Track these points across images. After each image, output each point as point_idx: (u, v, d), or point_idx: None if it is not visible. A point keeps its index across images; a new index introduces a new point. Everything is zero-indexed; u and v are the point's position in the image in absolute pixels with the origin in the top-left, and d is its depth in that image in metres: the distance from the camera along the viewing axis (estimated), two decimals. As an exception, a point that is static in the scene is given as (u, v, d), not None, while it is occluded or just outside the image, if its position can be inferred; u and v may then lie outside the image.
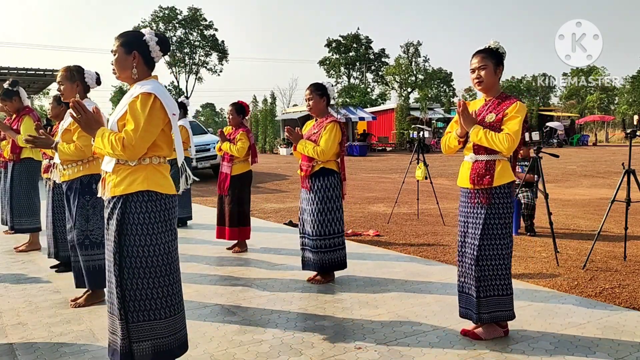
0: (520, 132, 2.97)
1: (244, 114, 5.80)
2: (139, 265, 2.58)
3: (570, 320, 3.43)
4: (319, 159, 4.29)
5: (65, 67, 3.97)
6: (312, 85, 4.46)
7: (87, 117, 2.62)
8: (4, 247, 6.13)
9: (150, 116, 2.54)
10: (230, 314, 3.74)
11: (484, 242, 3.07)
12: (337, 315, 3.67)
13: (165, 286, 2.64)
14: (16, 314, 3.82)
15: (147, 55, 2.71)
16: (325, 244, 4.37)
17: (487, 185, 3.02)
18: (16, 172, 5.76)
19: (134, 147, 2.51)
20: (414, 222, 7.99)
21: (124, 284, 2.59)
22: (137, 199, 2.58)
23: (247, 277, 4.71)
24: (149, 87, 2.61)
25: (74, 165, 3.89)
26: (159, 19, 52.98)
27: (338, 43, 59.58)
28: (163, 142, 2.66)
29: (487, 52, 3.11)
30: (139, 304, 2.59)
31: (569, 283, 4.50)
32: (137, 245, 2.58)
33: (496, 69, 3.09)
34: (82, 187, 3.91)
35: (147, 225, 2.59)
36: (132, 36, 2.72)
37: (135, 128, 2.51)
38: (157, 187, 2.62)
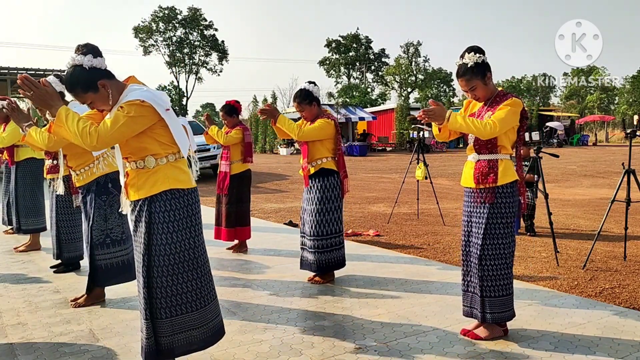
0: (505, 121, 2.94)
1: (236, 113, 5.74)
2: (167, 263, 2.61)
3: (570, 320, 3.43)
4: (297, 138, 4.24)
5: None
6: (297, 97, 4.37)
7: (38, 91, 2.51)
8: (4, 247, 6.13)
9: (134, 117, 2.48)
10: (230, 314, 3.73)
11: (486, 242, 3.07)
12: (337, 315, 3.67)
13: (193, 280, 2.67)
14: (16, 314, 3.82)
15: (101, 72, 2.59)
16: (323, 244, 4.36)
17: (491, 183, 3.02)
18: (19, 174, 5.76)
19: (104, 140, 2.45)
20: (414, 222, 7.99)
21: (152, 283, 2.62)
22: (161, 199, 2.60)
23: (247, 277, 4.71)
24: (136, 94, 2.53)
25: (87, 168, 3.93)
26: (158, 19, 52.97)
27: (338, 43, 59.60)
28: (167, 139, 2.64)
29: (468, 73, 3.04)
30: (169, 300, 2.62)
31: (569, 283, 4.50)
32: (165, 244, 2.60)
33: (484, 80, 3.07)
34: (99, 188, 3.93)
35: (172, 222, 2.61)
36: (79, 75, 2.56)
37: (114, 122, 2.45)
38: (177, 183, 2.64)
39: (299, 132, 4.21)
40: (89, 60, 2.56)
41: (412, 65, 57.70)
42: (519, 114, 3.01)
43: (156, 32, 53.30)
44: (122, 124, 2.46)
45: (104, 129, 2.46)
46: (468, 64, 3.04)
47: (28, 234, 6.02)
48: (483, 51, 3.06)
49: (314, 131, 4.22)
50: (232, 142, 5.48)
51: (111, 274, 3.99)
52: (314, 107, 4.39)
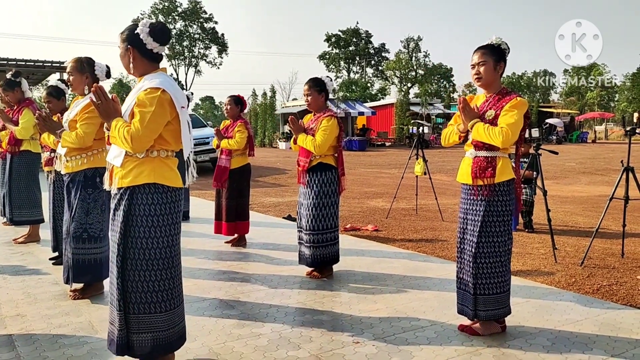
0: (517, 126, 2.96)
1: (242, 106, 5.79)
2: (141, 257, 2.61)
3: (568, 317, 3.45)
4: (315, 152, 4.28)
5: (76, 59, 3.96)
6: (311, 81, 4.45)
7: (106, 104, 2.63)
8: (3, 238, 6.13)
9: (157, 110, 2.54)
10: (229, 308, 3.75)
11: (482, 240, 3.07)
12: (335, 310, 3.69)
13: (165, 279, 2.66)
14: (15, 305, 3.82)
15: (143, 49, 2.69)
16: (320, 238, 4.37)
17: (489, 178, 3.02)
18: (15, 165, 5.75)
19: (139, 140, 2.52)
20: (412, 218, 8.01)
21: (126, 275, 2.62)
22: (144, 191, 2.60)
23: (246, 271, 4.72)
24: (157, 82, 2.61)
25: (78, 157, 3.88)
26: (158, 11, 52.77)
27: (338, 38, 59.46)
28: (170, 135, 2.67)
29: (487, 48, 3.10)
30: (139, 296, 2.61)
31: (567, 280, 4.52)
32: (142, 237, 2.60)
33: (496, 65, 3.08)
34: (86, 180, 3.90)
35: (152, 217, 2.61)
36: (128, 30, 2.72)
37: (141, 120, 2.52)
38: (163, 179, 2.64)
39: (315, 147, 4.25)
40: (143, 31, 2.64)
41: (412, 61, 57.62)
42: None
43: (156, 25, 53.12)
44: (149, 121, 2.52)
45: (135, 131, 2.50)
46: (492, 42, 3.12)
47: (21, 225, 6.01)
48: (509, 48, 3.14)
49: (326, 139, 4.25)
50: (244, 142, 5.50)
51: (82, 270, 3.92)
52: (321, 97, 4.42)
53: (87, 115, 3.84)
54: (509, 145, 2.97)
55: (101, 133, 3.95)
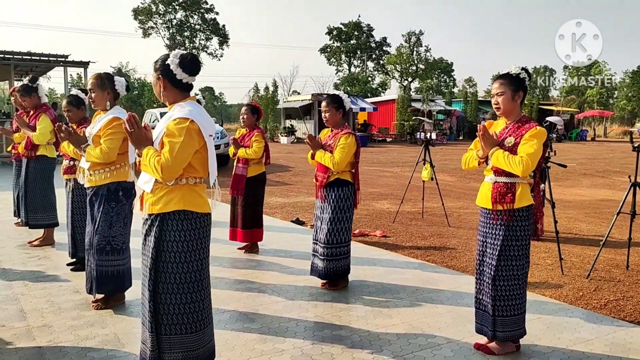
0: (536, 156, 3.05)
1: (258, 114, 5.90)
2: (173, 280, 2.71)
3: (579, 336, 3.57)
4: (333, 169, 4.38)
5: (96, 75, 4.05)
6: (329, 97, 4.53)
7: (139, 132, 2.71)
8: (17, 241, 6.22)
9: (185, 140, 2.63)
10: (249, 321, 3.85)
11: (501, 263, 3.18)
12: (353, 325, 3.79)
13: (196, 301, 2.76)
14: (40, 315, 3.92)
15: (173, 79, 2.77)
16: (334, 252, 4.48)
17: (508, 203, 3.11)
18: (31, 170, 5.84)
19: (169, 170, 2.61)
20: (419, 222, 8.12)
21: (158, 298, 2.72)
22: (174, 218, 2.70)
23: (261, 281, 4.82)
24: (186, 111, 2.70)
25: (102, 171, 3.97)
26: (158, 1, 52.54)
27: (339, 31, 59.33)
28: (198, 163, 2.75)
29: (506, 78, 3.18)
30: (171, 317, 2.72)
31: (574, 294, 4.64)
32: (173, 262, 2.71)
33: (515, 95, 3.17)
34: (109, 194, 3.99)
35: (182, 242, 2.71)
36: (160, 61, 2.81)
37: (170, 151, 2.61)
38: (192, 206, 2.73)
39: (334, 165, 4.34)
40: (174, 62, 2.74)
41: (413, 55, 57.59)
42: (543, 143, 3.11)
43: (156, 14, 52.92)
44: (178, 151, 2.60)
45: (165, 161, 2.59)
46: (510, 72, 3.19)
47: (36, 229, 6.10)
48: (530, 76, 3.22)
49: (344, 156, 4.34)
50: (261, 152, 5.60)
51: (105, 281, 4.02)
52: (339, 114, 4.51)
53: (111, 131, 3.93)
54: (529, 174, 3.06)
55: (124, 147, 4.05)
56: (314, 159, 4.51)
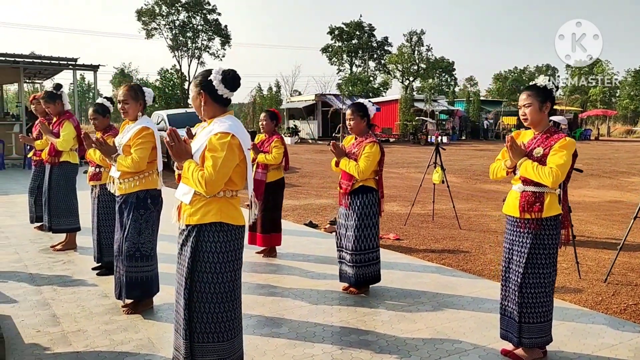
0: (566, 167, 3.13)
1: (277, 120, 5.98)
2: (208, 290, 2.80)
3: (603, 341, 3.64)
4: (358, 177, 4.45)
5: (129, 87, 4.13)
6: (353, 106, 4.61)
7: (179, 146, 2.78)
8: (39, 245, 6.31)
9: (228, 155, 2.71)
10: (276, 326, 3.94)
11: (528, 271, 3.25)
12: (378, 330, 3.88)
13: (229, 311, 2.85)
14: (73, 320, 4.01)
15: (214, 94, 2.86)
16: (362, 258, 4.55)
17: (537, 212, 3.19)
18: (54, 176, 5.92)
19: (213, 184, 2.68)
20: (430, 225, 8.20)
21: (193, 307, 2.81)
22: (211, 229, 2.78)
23: (283, 285, 4.91)
24: (227, 126, 2.78)
25: (131, 179, 4.06)
26: (162, 2, 52.60)
27: (341, 31, 59.34)
28: (237, 176, 2.84)
29: (533, 90, 3.26)
30: (205, 326, 2.81)
31: (594, 298, 4.72)
32: (208, 272, 2.79)
33: (542, 106, 3.24)
34: (138, 202, 4.07)
35: (218, 254, 2.79)
36: (201, 76, 2.89)
37: (214, 165, 2.68)
38: (228, 219, 2.81)
39: (359, 173, 4.41)
40: (216, 77, 2.83)
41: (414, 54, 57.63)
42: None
43: (159, 16, 52.98)
44: (221, 166, 2.68)
45: (209, 175, 2.66)
46: (537, 83, 3.27)
47: (59, 233, 6.19)
48: (557, 87, 3.29)
49: (369, 165, 4.42)
50: (281, 158, 5.68)
51: (134, 287, 4.11)
52: (363, 122, 4.58)
53: (141, 141, 4.02)
54: (558, 183, 3.14)
55: (152, 156, 4.13)
56: (338, 166, 4.59)
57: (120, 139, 4.19)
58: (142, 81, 57.23)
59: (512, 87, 62.45)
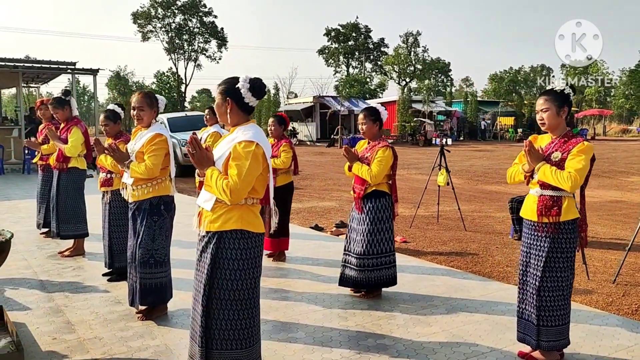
0: (584, 171, 3.15)
1: (285, 125, 5.99)
2: (227, 297, 2.80)
3: (619, 343, 3.67)
4: (371, 182, 4.46)
5: (144, 94, 4.14)
6: (366, 110, 4.63)
7: (201, 154, 2.79)
8: (47, 251, 6.29)
9: (252, 163, 2.72)
10: (292, 331, 3.95)
11: (546, 274, 3.27)
12: (395, 334, 3.89)
13: (248, 318, 2.85)
14: (89, 327, 4.01)
15: (241, 102, 2.88)
16: (372, 262, 4.56)
17: (554, 216, 3.20)
18: (62, 182, 5.92)
19: (237, 192, 2.69)
20: (435, 227, 8.22)
21: (211, 314, 2.81)
22: (231, 236, 2.79)
23: (296, 290, 4.91)
24: (251, 134, 2.79)
25: (144, 186, 4.05)
26: (157, 5, 52.59)
27: (337, 32, 59.47)
28: (259, 184, 2.85)
29: (550, 95, 3.28)
30: (223, 333, 2.81)
31: (604, 299, 4.74)
32: (228, 279, 2.79)
33: (559, 110, 3.26)
34: (151, 208, 4.07)
35: (238, 261, 2.80)
36: (228, 84, 2.90)
37: (238, 174, 2.69)
38: (249, 226, 2.82)
39: (372, 178, 4.42)
40: (244, 86, 2.84)
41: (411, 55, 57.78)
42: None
43: (155, 18, 52.97)
44: (246, 174, 2.68)
45: (234, 184, 2.67)
46: (554, 88, 3.29)
47: (67, 239, 6.18)
48: (574, 91, 3.30)
49: (382, 169, 4.42)
50: (290, 162, 5.69)
51: (148, 293, 4.11)
52: (375, 126, 4.59)
53: (154, 147, 4.02)
54: (577, 189, 3.16)
55: (165, 162, 4.14)
56: (351, 170, 4.60)
57: (133, 146, 4.19)
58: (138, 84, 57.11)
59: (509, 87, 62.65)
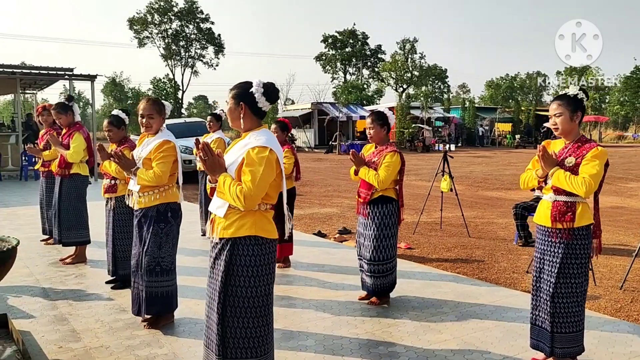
0: (599, 176, 3.13)
1: (287, 131, 5.97)
2: (241, 305, 2.76)
3: (631, 350, 3.64)
4: (378, 187, 4.43)
5: (154, 101, 4.09)
6: (374, 114, 4.60)
7: (212, 160, 2.75)
8: (48, 258, 6.22)
9: (266, 169, 2.68)
10: (302, 339, 3.90)
11: (560, 281, 3.24)
12: (405, 342, 3.84)
13: (262, 326, 2.81)
14: (94, 335, 3.95)
15: (254, 106, 2.84)
16: (381, 269, 4.53)
17: (568, 222, 3.18)
18: (65, 188, 5.85)
19: (251, 198, 2.65)
20: (438, 233, 8.19)
21: (226, 322, 2.77)
22: (245, 243, 2.75)
23: (303, 297, 4.87)
24: (264, 140, 2.76)
25: (151, 193, 4.00)
26: (154, 11, 52.60)
27: (334, 39, 59.59)
28: (273, 190, 2.81)
29: (564, 100, 3.26)
30: (238, 341, 2.76)
31: (612, 305, 4.72)
32: (242, 286, 2.75)
33: (573, 115, 3.24)
34: (158, 215, 4.01)
35: (253, 267, 2.75)
36: (241, 88, 2.87)
37: (252, 180, 2.65)
38: (263, 232, 2.78)
39: (379, 183, 4.39)
40: (258, 90, 2.82)
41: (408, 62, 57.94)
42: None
43: (151, 24, 52.97)
44: (260, 180, 2.65)
45: (248, 190, 2.63)
46: (568, 93, 3.26)
47: (69, 246, 6.12)
48: (588, 96, 3.30)
49: (389, 174, 4.39)
50: (291, 168, 5.66)
51: (155, 302, 4.04)
52: (383, 130, 4.56)
53: (162, 154, 3.98)
54: (591, 194, 3.14)
55: (173, 169, 4.09)
56: (357, 175, 4.57)
57: (139, 152, 4.14)
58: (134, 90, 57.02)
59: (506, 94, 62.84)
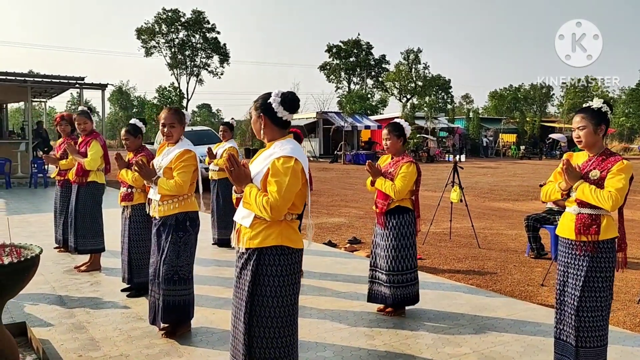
0: (624, 190, 3.12)
1: (300, 141, 5.97)
2: (268, 314, 2.76)
3: (654, 365, 3.62)
4: (394, 197, 4.44)
5: (175, 110, 4.11)
6: (390, 125, 4.61)
7: (238, 170, 2.76)
8: (62, 266, 6.23)
9: (292, 179, 2.69)
10: (320, 349, 3.89)
11: (584, 294, 3.22)
12: (425, 355, 3.83)
13: (288, 335, 2.81)
14: (114, 344, 3.94)
15: (274, 117, 2.85)
16: (399, 279, 4.52)
17: (593, 235, 3.17)
18: (81, 196, 5.88)
19: (278, 209, 2.66)
20: (448, 244, 8.17)
21: (252, 331, 2.77)
22: (271, 253, 2.75)
23: (318, 307, 4.85)
24: (289, 149, 2.76)
25: (170, 202, 4.01)
26: (162, 21, 52.99)
27: (339, 48, 59.83)
28: (298, 200, 2.81)
29: (587, 112, 3.26)
30: (264, 351, 2.77)
31: (631, 320, 4.69)
32: (269, 296, 2.75)
33: (596, 128, 3.24)
34: (177, 224, 4.02)
35: (279, 277, 2.76)
36: (261, 99, 2.88)
37: (278, 190, 2.65)
38: (289, 242, 2.78)
39: (395, 193, 4.39)
40: (275, 100, 2.81)
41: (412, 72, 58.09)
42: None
43: (159, 34, 53.34)
44: (286, 191, 2.65)
45: (274, 201, 2.64)
46: (592, 106, 3.26)
47: (84, 254, 6.12)
48: (611, 109, 3.29)
49: (405, 185, 4.40)
50: None
51: (172, 311, 4.04)
52: (399, 141, 4.57)
53: (184, 164, 4.00)
54: (617, 208, 3.13)
55: (193, 178, 4.11)
56: (374, 185, 4.58)
57: (159, 161, 4.16)
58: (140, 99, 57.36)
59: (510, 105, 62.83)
